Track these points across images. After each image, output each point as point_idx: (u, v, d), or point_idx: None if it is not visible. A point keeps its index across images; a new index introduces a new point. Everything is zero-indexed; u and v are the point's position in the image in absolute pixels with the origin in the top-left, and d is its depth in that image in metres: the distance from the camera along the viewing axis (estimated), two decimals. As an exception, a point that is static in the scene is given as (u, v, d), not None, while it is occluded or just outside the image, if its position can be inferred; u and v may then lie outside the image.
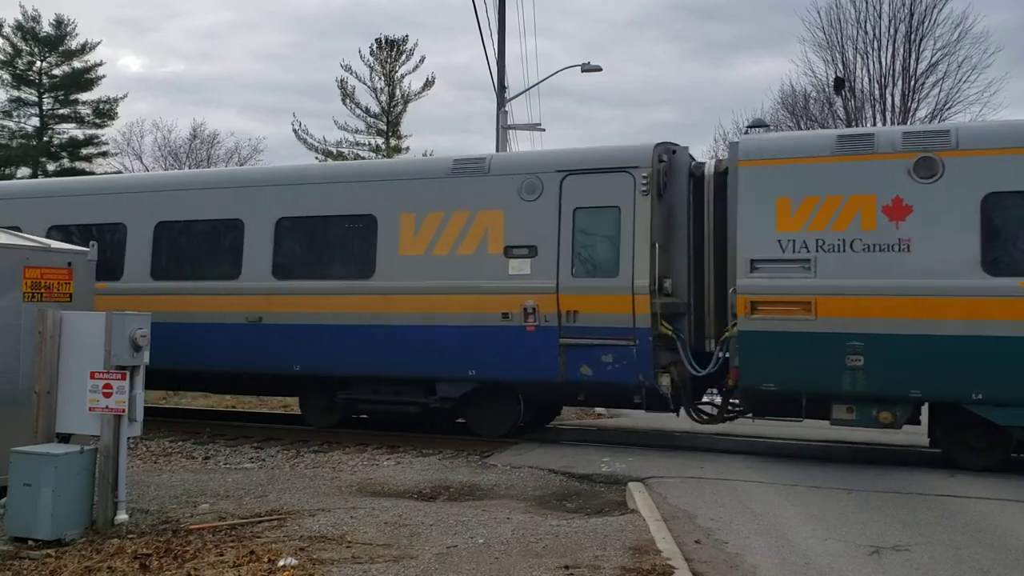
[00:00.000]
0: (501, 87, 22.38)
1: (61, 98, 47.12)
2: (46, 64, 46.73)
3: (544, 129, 26.42)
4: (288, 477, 9.43)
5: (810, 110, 31.23)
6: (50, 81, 46.69)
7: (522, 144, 41.12)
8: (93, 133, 47.65)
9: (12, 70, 45.83)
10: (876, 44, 28.72)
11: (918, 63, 28.30)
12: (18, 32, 45.88)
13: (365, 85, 44.57)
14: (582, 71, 23.91)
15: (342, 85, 44.58)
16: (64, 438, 7.15)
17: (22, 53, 46.22)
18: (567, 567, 5.90)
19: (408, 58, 44.92)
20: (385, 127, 45.02)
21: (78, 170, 44.07)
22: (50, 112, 47.03)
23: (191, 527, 7.04)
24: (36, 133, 46.52)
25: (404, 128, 45.80)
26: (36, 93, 46.63)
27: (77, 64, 47.08)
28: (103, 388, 6.80)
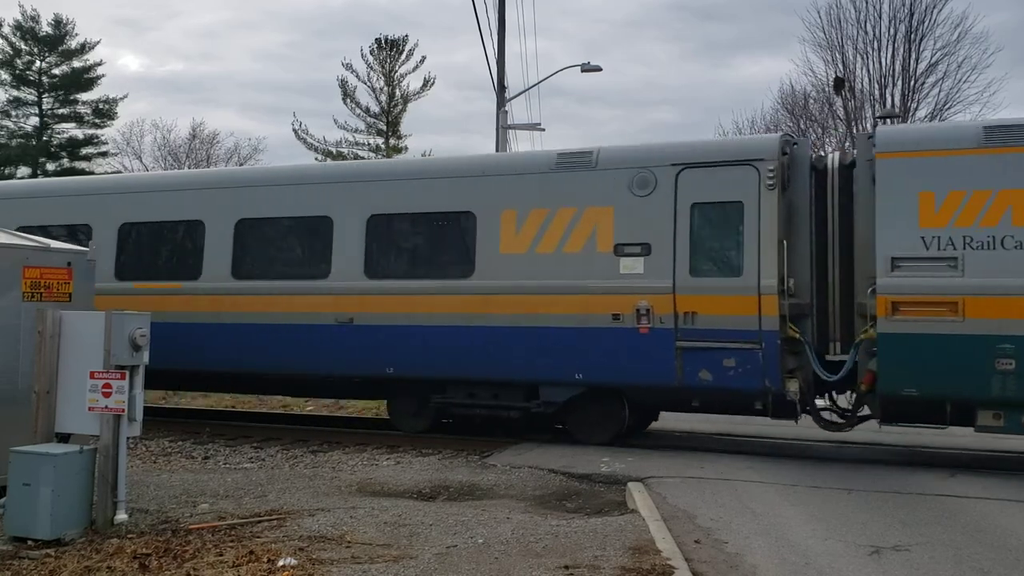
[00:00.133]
0: (501, 87, 22.38)
1: (61, 98, 47.14)
2: (45, 64, 46.75)
3: (544, 129, 26.45)
4: (288, 477, 9.43)
5: (810, 110, 31.26)
6: (49, 81, 46.70)
7: (522, 144, 41.11)
8: (93, 133, 47.69)
9: (12, 70, 45.84)
10: (876, 44, 28.77)
11: (918, 63, 28.34)
12: (17, 32, 45.89)
13: (365, 85, 44.70)
14: (582, 71, 23.90)
15: (343, 85, 44.72)
16: (63, 438, 7.15)
17: (21, 53, 46.23)
18: (567, 567, 5.90)
19: (408, 58, 45.04)
20: (385, 127, 45.08)
21: (77, 170, 44.05)
22: (50, 112, 47.05)
23: (190, 527, 7.04)
24: (36, 133, 46.54)
25: (404, 128, 45.96)
26: (36, 93, 46.64)
27: (76, 64, 47.11)
28: (102, 388, 6.80)
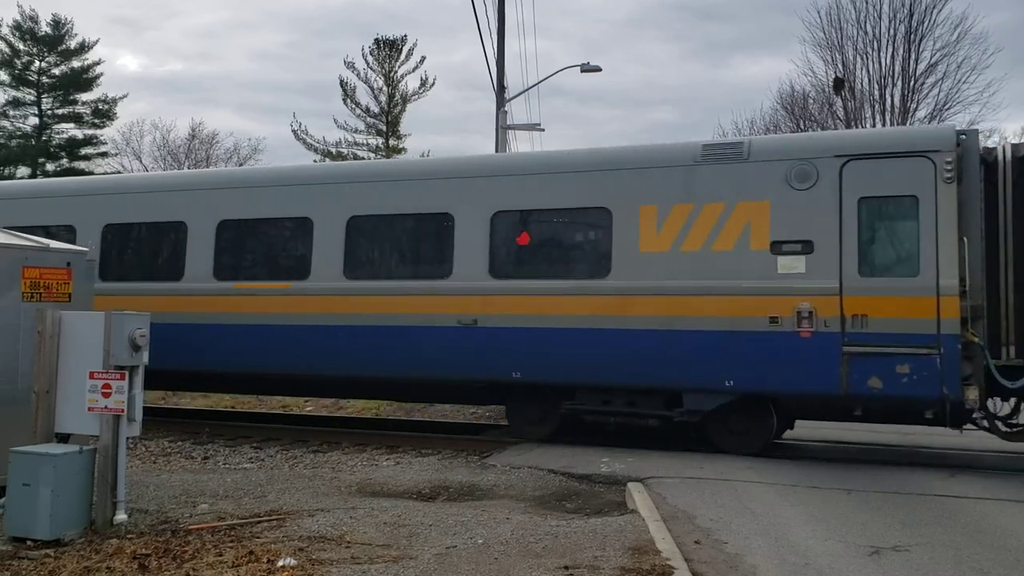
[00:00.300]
0: (500, 87, 22.37)
1: (60, 98, 47.14)
2: (45, 64, 46.76)
3: (543, 129, 26.44)
4: (287, 477, 9.43)
5: (809, 110, 31.28)
6: (49, 81, 46.70)
7: (522, 144, 41.12)
8: (92, 133, 47.69)
9: (11, 70, 45.84)
10: (876, 44, 28.79)
11: (918, 63, 28.36)
12: (16, 32, 45.89)
13: (366, 85, 44.74)
14: (582, 71, 23.86)
15: (343, 85, 44.76)
16: (63, 438, 7.14)
17: (20, 53, 46.23)
18: (566, 567, 5.90)
19: (407, 58, 45.06)
20: (385, 127, 45.10)
21: (77, 170, 44.05)
22: (49, 112, 47.05)
23: (190, 527, 7.03)
24: (35, 133, 46.53)
25: (403, 128, 46.00)
26: (35, 93, 46.64)
27: (75, 64, 47.13)
28: (102, 388, 6.80)
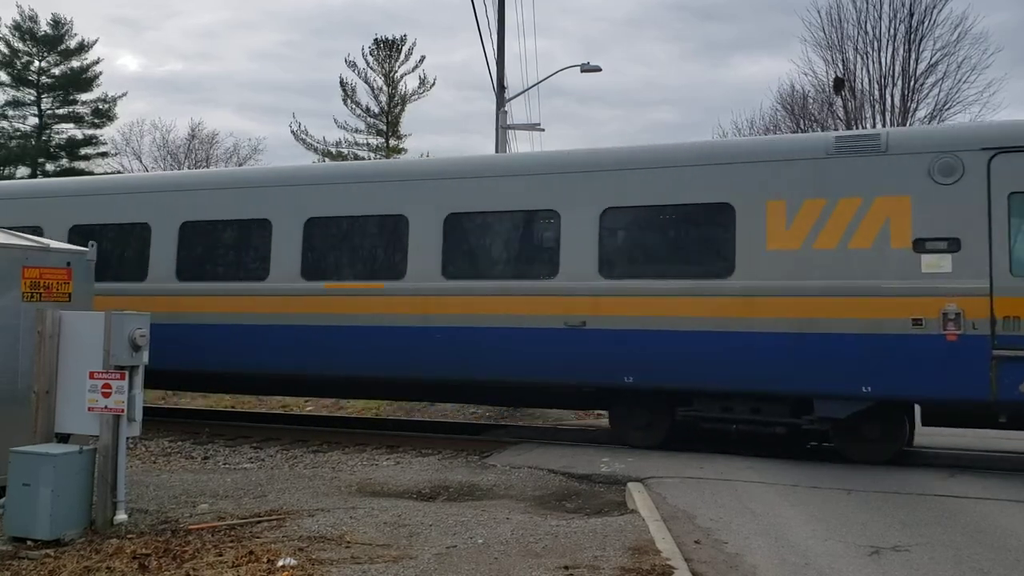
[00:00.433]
0: (500, 87, 22.37)
1: (60, 98, 47.14)
2: (44, 64, 46.76)
3: (543, 129, 26.41)
4: (287, 477, 9.43)
5: (809, 110, 31.27)
6: (48, 81, 46.71)
7: (522, 144, 41.14)
8: (92, 133, 47.68)
9: (11, 70, 45.84)
10: (876, 44, 28.77)
11: (918, 63, 28.35)
12: (16, 32, 45.90)
13: (366, 85, 44.77)
14: (581, 71, 23.85)
15: (343, 85, 44.78)
16: (63, 438, 7.14)
17: (19, 53, 46.23)
18: (567, 567, 5.90)
19: (407, 58, 45.07)
20: (385, 127, 45.11)
21: (77, 170, 44.04)
22: (49, 112, 47.05)
23: (190, 527, 7.04)
24: (35, 133, 46.53)
25: (403, 128, 46.02)
26: (35, 93, 46.65)
27: (75, 64, 47.13)
28: (102, 388, 6.80)
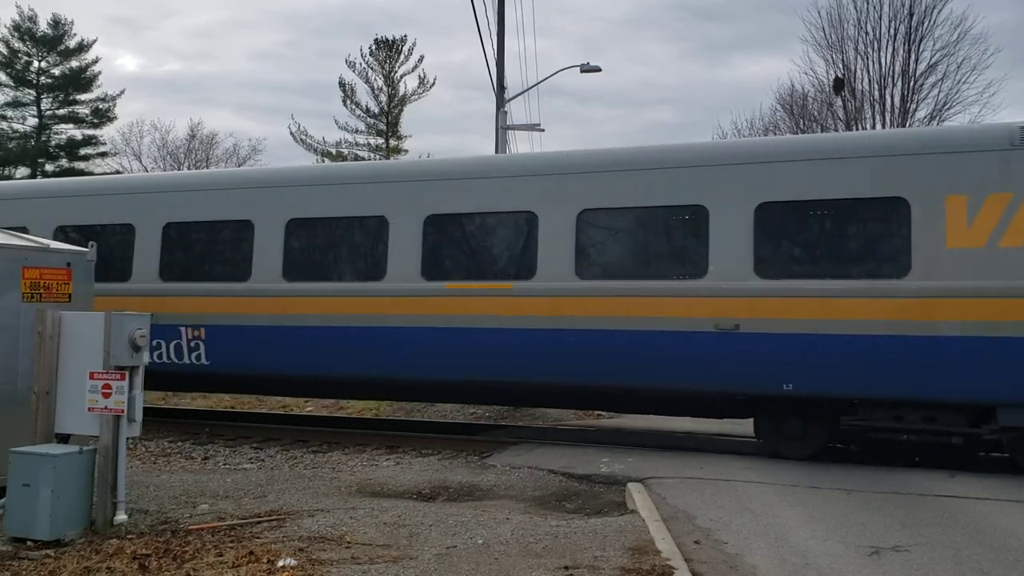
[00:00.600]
0: (500, 88, 22.38)
1: (59, 99, 47.16)
2: (44, 64, 46.79)
3: (543, 130, 26.40)
4: (287, 477, 9.43)
5: (809, 110, 31.27)
6: (48, 81, 46.72)
7: (521, 144, 41.15)
8: (92, 134, 47.71)
9: (10, 71, 45.85)
10: (876, 45, 28.76)
11: (918, 64, 28.34)
12: (15, 32, 45.91)
13: (366, 85, 44.80)
14: (581, 71, 23.87)
15: (343, 86, 44.81)
16: (63, 438, 7.15)
17: (19, 54, 46.25)
18: (567, 567, 5.90)
19: (407, 58, 45.10)
20: (385, 127, 45.13)
21: (77, 170, 44.03)
22: (49, 113, 47.06)
23: (190, 527, 7.04)
24: (34, 133, 46.53)
25: (402, 128, 46.06)
26: (34, 93, 46.66)
27: (74, 63, 47.16)
28: (102, 388, 6.80)
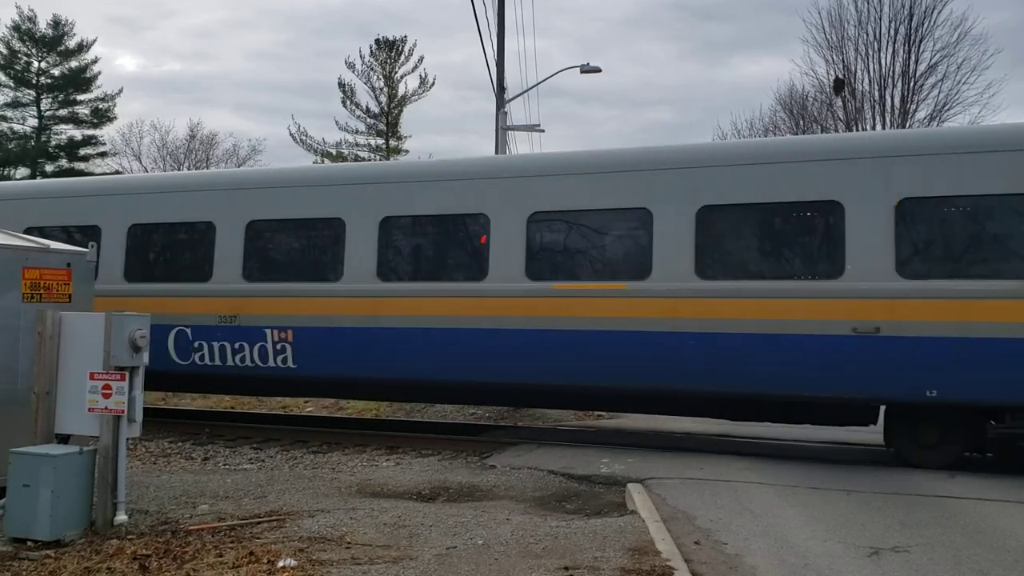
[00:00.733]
0: (500, 88, 22.38)
1: (59, 99, 47.18)
2: (44, 64, 46.81)
3: (543, 130, 26.38)
4: (287, 478, 9.43)
5: (808, 110, 31.29)
6: (48, 82, 46.74)
7: (521, 145, 41.19)
8: (91, 134, 47.73)
9: (10, 72, 45.86)
10: (876, 45, 28.79)
11: (918, 64, 28.37)
12: (15, 33, 45.93)
13: (366, 86, 44.82)
14: (581, 72, 23.87)
15: (342, 87, 44.83)
16: (63, 439, 7.15)
17: (19, 54, 46.26)
18: (567, 568, 5.90)
19: (407, 59, 45.12)
20: (385, 127, 45.15)
21: (77, 171, 44.05)
22: (49, 113, 47.08)
23: (190, 528, 7.04)
24: (34, 134, 46.55)
25: (402, 129, 46.08)
26: (34, 94, 46.68)
27: (74, 63, 47.18)
28: (102, 389, 6.81)
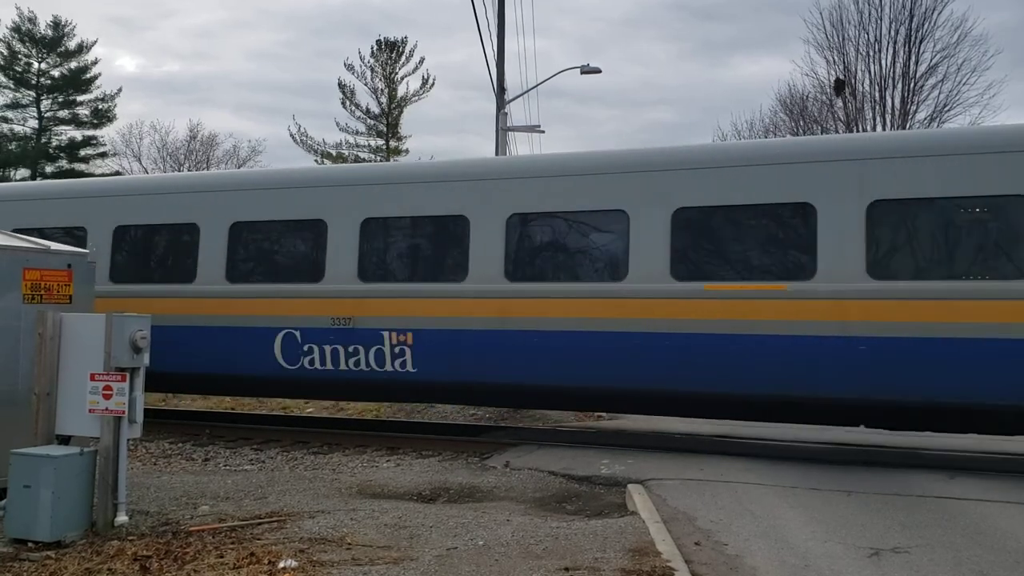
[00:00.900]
0: (501, 89, 22.38)
1: (59, 100, 47.21)
2: (44, 65, 46.84)
3: (544, 131, 26.35)
4: (288, 479, 9.43)
5: (808, 110, 31.29)
6: (48, 83, 46.76)
7: (521, 145, 41.21)
8: (91, 135, 47.76)
9: (10, 72, 45.89)
10: (877, 46, 28.80)
11: (918, 65, 28.37)
12: (15, 34, 45.97)
13: (366, 86, 44.86)
14: (581, 73, 23.86)
15: (342, 88, 44.86)
16: (64, 440, 7.15)
17: (19, 55, 46.29)
18: (567, 569, 5.91)
19: (407, 60, 45.16)
20: (385, 128, 45.17)
21: (77, 171, 44.08)
22: (49, 114, 47.10)
23: (191, 529, 7.04)
24: (34, 135, 46.57)
25: (402, 129, 46.11)
26: (34, 95, 46.70)
27: (74, 64, 47.21)
28: (103, 390, 6.81)
